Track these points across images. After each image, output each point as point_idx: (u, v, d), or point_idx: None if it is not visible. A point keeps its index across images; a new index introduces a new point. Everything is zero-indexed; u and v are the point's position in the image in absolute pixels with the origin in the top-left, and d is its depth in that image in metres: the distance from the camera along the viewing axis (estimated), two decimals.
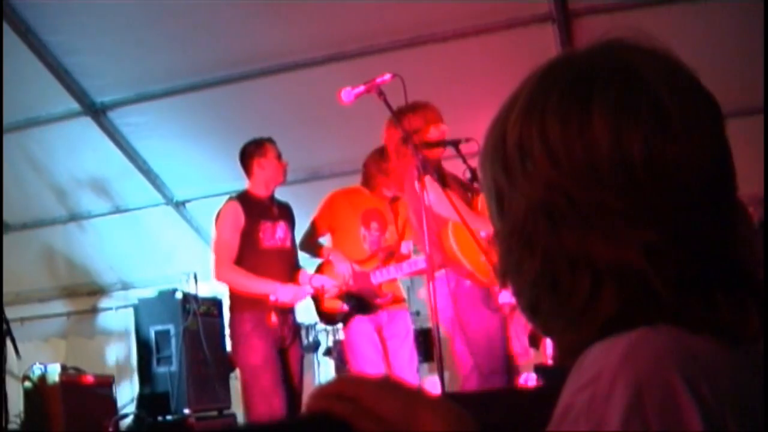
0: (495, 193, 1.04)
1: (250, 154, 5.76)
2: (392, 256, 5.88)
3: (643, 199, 0.93)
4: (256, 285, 5.49)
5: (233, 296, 5.64)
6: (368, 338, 5.74)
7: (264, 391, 5.38)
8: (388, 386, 0.99)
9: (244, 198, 5.69)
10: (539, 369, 5.72)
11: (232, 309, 5.65)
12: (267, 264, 5.55)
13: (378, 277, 5.74)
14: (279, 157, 5.72)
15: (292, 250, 5.81)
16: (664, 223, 0.93)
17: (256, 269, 5.54)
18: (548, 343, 6.60)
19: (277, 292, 5.44)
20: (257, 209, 5.65)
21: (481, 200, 5.08)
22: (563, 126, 0.96)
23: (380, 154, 5.87)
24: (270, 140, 5.76)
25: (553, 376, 5.36)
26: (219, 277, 5.62)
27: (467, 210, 4.89)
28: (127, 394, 7.82)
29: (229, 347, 6.17)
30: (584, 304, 0.96)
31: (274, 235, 5.67)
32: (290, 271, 5.69)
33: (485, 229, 4.78)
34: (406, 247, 6.06)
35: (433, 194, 4.77)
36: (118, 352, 8.80)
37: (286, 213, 5.85)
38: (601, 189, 0.94)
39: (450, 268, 4.90)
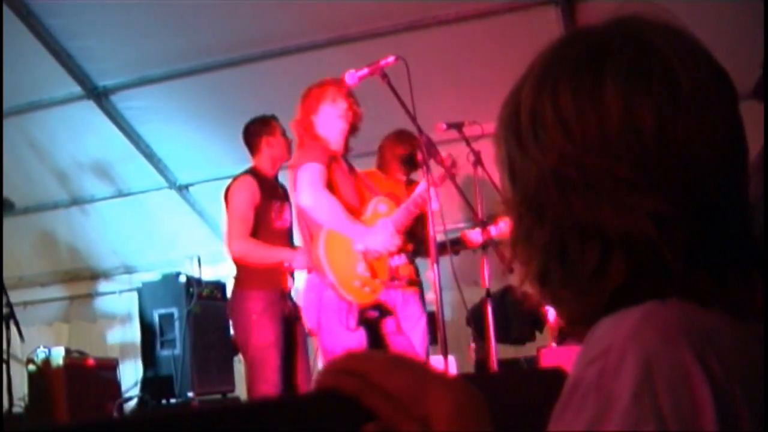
0: (508, 164, 1.05)
1: (256, 132, 5.64)
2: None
3: (653, 169, 0.94)
4: (273, 253, 5.37)
5: (246, 272, 5.48)
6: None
7: (273, 372, 5.34)
8: (397, 362, 0.99)
9: (256, 175, 5.55)
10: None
11: (243, 286, 5.47)
12: (277, 244, 5.48)
13: (396, 260, 5.74)
14: (284, 133, 5.64)
15: (292, 232, 5.78)
16: (674, 193, 0.94)
17: None
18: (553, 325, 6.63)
19: (294, 259, 5.31)
20: (268, 188, 5.52)
21: (379, 204, 4.94)
22: (575, 95, 0.97)
23: (396, 137, 5.86)
24: (274, 117, 5.66)
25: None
26: (235, 248, 5.44)
27: (347, 218, 4.67)
28: (130, 377, 7.84)
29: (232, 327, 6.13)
30: (593, 273, 0.97)
31: (282, 215, 5.58)
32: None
33: (364, 242, 4.66)
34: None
35: (313, 196, 4.63)
36: (122, 336, 8.82)
37: (287, 193, 5.79)
38: (611, 158, 0.94)
39: (320, 279, 4.71)
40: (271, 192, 5.52)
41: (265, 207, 5.44)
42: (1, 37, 6.41)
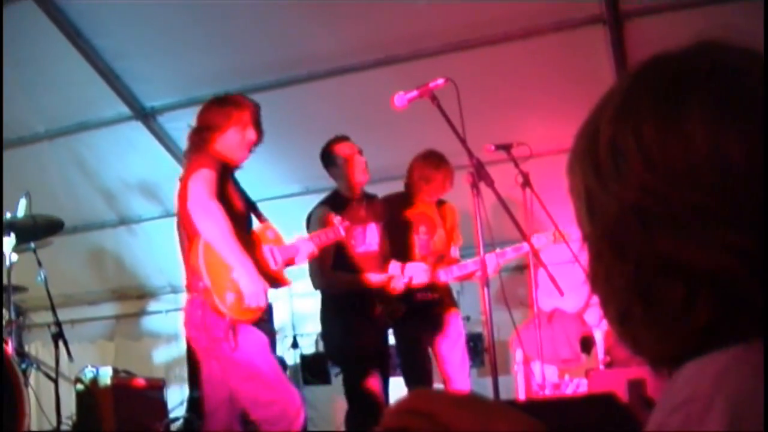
0: (585, 196, 1.01)
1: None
2: (442, 260, 5.87)
3: (741, 203, 0.89)
4: (357, 281, 5.47)
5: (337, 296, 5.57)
6: (417, 342, 5.77)
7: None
8: (465, 401, 0.97)
9: (334, 202, 5.54)
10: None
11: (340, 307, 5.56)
12: (359, 271, 5.49)
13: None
14: (360, 153, 5.61)
15: (382, 251, 5.70)
16: (762, 228, 0.89)
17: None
18: (599, 349, 6.57)
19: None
20: (348, 214, 5.37)
21: (268, 231, 4.76)
22: (659, 126, 0.93)
23: (423, 158, 5.84)
24: (348, 138, 5.67)
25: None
26: (321, 284, 5.55)
27: (231, 235, 4.34)
28: (176, 397, 7.86)
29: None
30: (678, 311, 0.92)
31: (364, 240, 5.58)
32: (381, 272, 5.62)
33: (240, 277, 4.33)
34: (454, 251, 6.05)
35: (202, 208, 4.39)
36: (168, 355, 8.86)
37: (375, 210, 5.72)
38: (697, 191, 0.90)
39: (191, 287, 4.48)
40: (352, 218, 5.39)
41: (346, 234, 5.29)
42: (1, 36, 6.45)
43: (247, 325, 4.45)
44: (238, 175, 7.92)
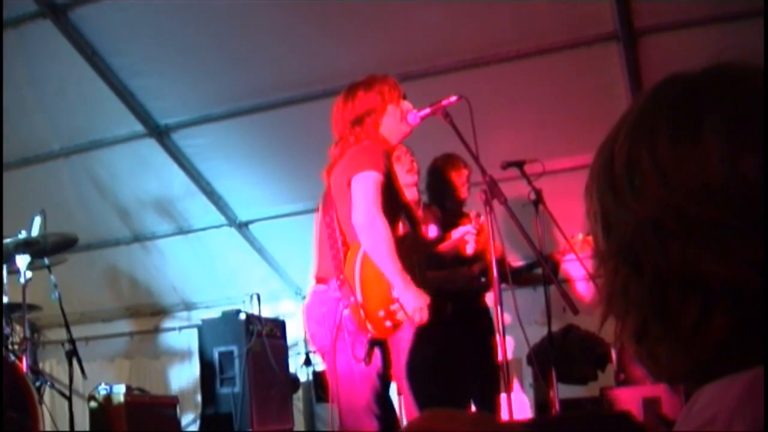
0: (601, 214, 1.01)
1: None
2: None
3: (757, 216, 0.88)
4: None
5: None
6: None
7: None
8: (481, 421, 0.96)
9: None
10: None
11: None
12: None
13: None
14: (407, 153, 5.51)
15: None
16: None
17: None
18: (614, 365, 6.53)
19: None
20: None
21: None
22: (674, 142, 0.93)
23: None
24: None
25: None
26: None
27: (393, 250, 4.04)
28: (190, 414, 7.85)
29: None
30: (695, 326, 0.91)
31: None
32: None
33: (401, 294, 4.04)
34: None
35: (367, 217, 4.03)
36: (181, 373, 8.86)
37: (432, 212, 5.65)
38: (714, 206, 0.90)
39: (342, 294, 4.09)
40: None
41: None
42: (1, 45, 6.50)
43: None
44: (260, 192, 7.97)
